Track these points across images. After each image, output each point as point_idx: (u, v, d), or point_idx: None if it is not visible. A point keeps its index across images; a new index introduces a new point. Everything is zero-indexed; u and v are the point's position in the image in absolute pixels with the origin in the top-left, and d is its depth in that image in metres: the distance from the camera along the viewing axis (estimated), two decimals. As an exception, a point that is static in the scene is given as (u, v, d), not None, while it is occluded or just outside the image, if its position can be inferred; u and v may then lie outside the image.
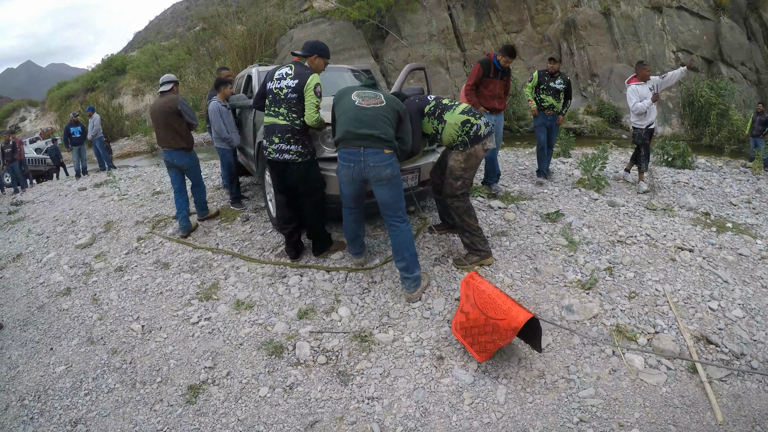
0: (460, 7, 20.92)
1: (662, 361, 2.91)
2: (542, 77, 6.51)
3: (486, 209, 5.31)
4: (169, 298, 4.06)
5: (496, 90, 5.73)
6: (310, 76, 3.80)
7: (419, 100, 4.01)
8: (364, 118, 3.41)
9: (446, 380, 2.83)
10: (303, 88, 3.77)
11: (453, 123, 3.80)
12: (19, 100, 73.98)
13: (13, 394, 3.26)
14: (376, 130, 3.38)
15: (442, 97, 4.09)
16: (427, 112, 3.92)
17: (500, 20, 20.52)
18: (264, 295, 3.80)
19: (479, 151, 3.83)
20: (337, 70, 6.41)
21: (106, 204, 7.56)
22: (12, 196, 11.38)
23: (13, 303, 4.68)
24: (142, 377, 3.17)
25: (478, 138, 3.80)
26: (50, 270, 5.28)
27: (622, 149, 11.91)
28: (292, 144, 3.84)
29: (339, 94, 3.77)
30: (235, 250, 4.74)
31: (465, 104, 3.96)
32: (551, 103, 6.47)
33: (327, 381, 2.90)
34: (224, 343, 3.35)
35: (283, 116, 3.86)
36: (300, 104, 3.81)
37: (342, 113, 3.55)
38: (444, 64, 19.98)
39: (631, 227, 4.83)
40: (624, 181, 6.89)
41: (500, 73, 5.71)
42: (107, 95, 40.80)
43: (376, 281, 3.93)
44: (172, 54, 32.14)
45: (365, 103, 3.49)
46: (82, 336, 3.79)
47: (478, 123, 3.81)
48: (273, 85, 3.96)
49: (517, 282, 3.83)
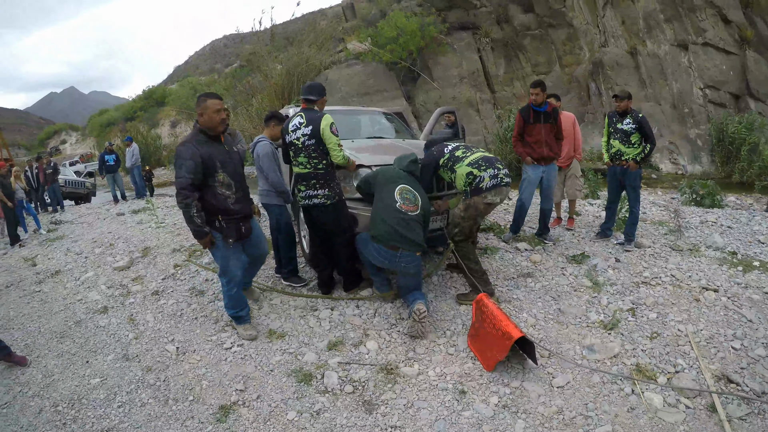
0: (489, 50, 21.37)
1: (681, 400, 2.95)
2: (610, 119, 5.57)
3: (513, 251, 5.40)
4: (203, 324, 4.26)
5: (541, 135, 5.32)
6: (322, 119, 4.01)
7: (437, 152, 4.30)
8: (403, 224, 3.77)
9: (467, 413, 2.91)
10: (319, 132, 3.98)
11: (461, 174, 4.07)
12: (60, 123, 77.47)
13: (47, 400, 3.44)
14: (413, 236, 3.79)
15: (459, 146, 4.31)
16: (441, 164, 4.22)
17: (529, 62, 20.87)
18: (296, 326, 3.97)
19: (479, 203, 4.03)
20: (369, 113, 6.58)
21: (143, 230, 7.90)
22: (51, 215, 11.94)
23: (50, 316, 4.93)
24: (174, 395, 3.33)
25: (479, 190, 4.00)
26: (88, 288, 5.55)
27: (651, 189, 11.85)
28: (318, 189, 4.08)
29: (382, 175, 4.09)
30: (268, 283, 4.92)
31: (478, 155, 4.14)
32: (617, 149, 5.44)
33: (353, 409, 3.02)
34: (255, 369, 3.50)
35: (304, 165, 4.11)
36: (319, 148, 4.02)
37: (382, 207, 3.88)
38: (474, 105, 20.33)
39: (656, 268, 4.85)
40: (651, 222, 6.89)
41: (542, 115, 5.33)
42: (146, 125, 42.49)
43: (403, 317, 4.06)
44: (210, 89, 33.51)
45: (405, 208, 3.83)
46: (117, 352, 3.99)
47: (481, 175, 4.00)
48: (290, 137, 4.20)
49: (540, 322, 3.92)
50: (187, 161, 3.39)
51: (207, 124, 3.52)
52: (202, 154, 3.43)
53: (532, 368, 3.28)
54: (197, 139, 3.51)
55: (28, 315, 5.06)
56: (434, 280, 4.73)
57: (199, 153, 3.42)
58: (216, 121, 3.52)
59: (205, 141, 3.53)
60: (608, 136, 5.61)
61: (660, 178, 14.77)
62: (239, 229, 3.69)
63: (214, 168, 3.50)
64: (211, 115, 3.49)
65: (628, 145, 5.34)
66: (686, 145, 15.81)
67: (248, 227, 3.81)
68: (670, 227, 6.16)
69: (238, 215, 3.67)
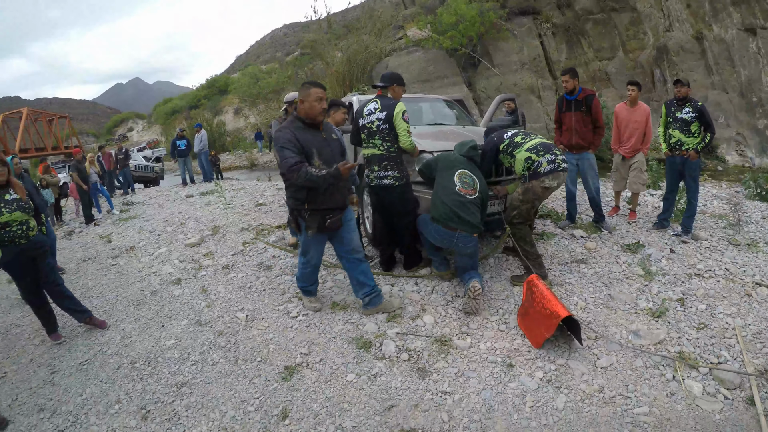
0: (551, 35, 20.89)
1: (720, 390, 3.01)
2: (669, 108, 5.48)
3: (569, 237, 5.52)
4: (271, 295, 4.65)
5: (571, 123, 5.46)
6: (396, 105, 4.28)
7: (497, 137, 4.46)
8: (461, 206, 3.97)
9: (513, 384, 3.12)
10: (392, 118, 4.26)
11: (520, 159, 4.21)
12: (127, 112, 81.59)
13: (125, 358, 3.88)
14: (470, 218, 3.97)
15: (518, 132, 4.45)
16: (501, 150, 4.38)
17: (591, 47, 20.24)
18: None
19: (536, 186, 4.16)
20: (431, 101, 6.76)
21: (212, 211, 8.45)
22: (122, 197, 12.86)
23: (127, 286, 5.46)
24: (244, 356, 3.70)
25: (537, 175, 4.13)
26: (162, 262, 6.08)
27: (715, 182, 11.40)
28: (389, 170, 4.35)
29: (443, 160, 4.29)
30: (332, 260, 5.25)
31: (536, 141, 4.28)
32: (678, 139, 5.36)
33: (407, 374, 3.29)
34: (319, 335, 3.85)
35: (378, 147, 4.38)
36: (392, 133, 4.31)
37: (442, 190, 4.10)
38: (535, 92, 19.98)
39: (710, 261, 4.83)
40: (711, 215, 6.75)
41: (573, 103, 5.42)
42: (210, 112, 44.10)
43: (459, 295, 4.29)
44: (271, 77, 34.33)
45: (463, 192, 4.03)
46: (191, 318, 4.42)
47: (539, 160, 4.12)
48: (364, 120, 4.48)
49: (590, 306, 4.04)
50: (287, 143, 3.46)
51: (307, 111, 3.57)
52: (300, 138, 3.50)
53: (578, 348, 3.42)
54: (295, 125, 3.59)
55: (106, 285, 5.61)
56: (490, 262, 4.93)
57: (297, 137, 3.50)
58: (317, 110, 3.56)
59: (302, 127, 3.59)
60: (666, 125, 5.54)
61: (726, 171, 14.13)
62: (323, 221, 3.69)
63: (310, 154, 3.53)
64: (313, 103, 3.54)
65: (689, 134, 5.28)
66: (754, 136, 15.02)
67: (336, 220, 3.74)
68: (729, 221, 6.04)
69: (325, 206, 3.68)
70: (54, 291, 4.30)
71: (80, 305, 4.44)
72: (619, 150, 6.10)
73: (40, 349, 4.26)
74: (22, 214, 3.98)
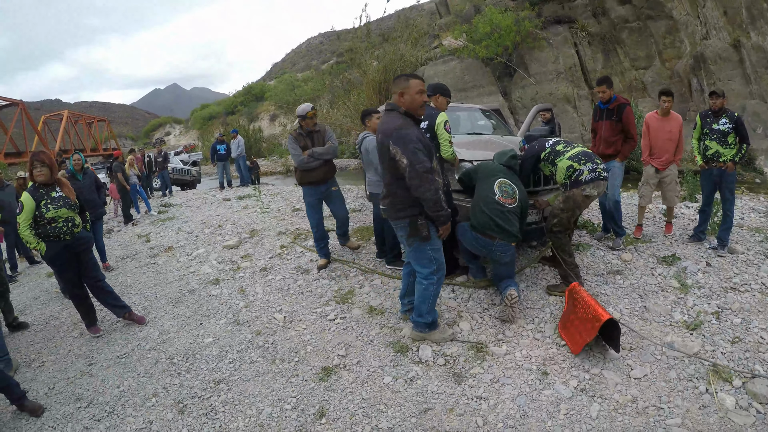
0: (586, 44, 20.65)
1: (753, 404, 3.01)
2: (704, 119, 5.44)
3: (604, 248, 5.52)
4: (309, 298, 4.81)
5: (602, 132, 5.45)
6: (438, 116, 4.35)
7: (538, 146, 4.52)
8: (500, 215, 4.03)
9: (547, 392, 3.18)
10: (434, 127, 4.34)
11: (561, 168, 4.26)
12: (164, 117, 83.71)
13: (163, 354, 4.05)
14: (509, 226, 4.02)
15: (559, 141, 4.51)
16: (542, 158, 4.44)
17: (627, 56, 19.92)
18: (395, 305, 4.36)
19: (577, 195, 4.20)
20: (468, 110, 6.85)
21: (249, 214, 8.68)
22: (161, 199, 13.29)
23: (165, 284, 5.66)
24: (281, 356, 3.84)
25: (578, 183, 4.17)
26: (200, 263, 6.30)
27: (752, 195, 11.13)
28: None
29: (482, 169, 4.36)
30: (369, 266, 5.39)
31: (578, 149, 4.33)
32: (715, 151, 5.29)
33: (443, 379, 3.38)
34: (356, 338, 3.98)
35: None
36: (433, 142, 4.35)
37: (482, 199, 4.14)
38: (571, 102, 19.78)
39: (746, 275, 4.78)
40: (747, 229, 6.64)
41: (605, 112, 5.40)
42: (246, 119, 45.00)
43: (496, 303, 4.36)
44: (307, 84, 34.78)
45: (503, 200, 4.08)
46: (229, 317, 4.59)
47: (580, 168, 4.17)
48: None
49: (625, 317, 4.07)
50: (419, 144, 3.18)
51: (409, 105, 3.30)
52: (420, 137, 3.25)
53: (613, 358, 3.46)
54: (410, 122, 3.31)
55: (145, 283, 5.84)
56: (527, 272, 4.98)
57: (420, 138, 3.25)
58: (418, 103, 3.29)
59: (413, 124, 3.31)
60: (700, 137, 5.50)
61: (764, 183, 13.73)
62: None
63: (432, 154, 3.31)
64: (414, 96, 3.27)
65: (726, 145, 5.23)
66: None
67: None
68: (766, 234, 5.94)
69: None
70: (95, 286, 4.51)
71: (120, 300, 4.65)
72: (652, 162, 6.04)
73: (79, 341, 4.47)
74: (68, 210, 4.21)
